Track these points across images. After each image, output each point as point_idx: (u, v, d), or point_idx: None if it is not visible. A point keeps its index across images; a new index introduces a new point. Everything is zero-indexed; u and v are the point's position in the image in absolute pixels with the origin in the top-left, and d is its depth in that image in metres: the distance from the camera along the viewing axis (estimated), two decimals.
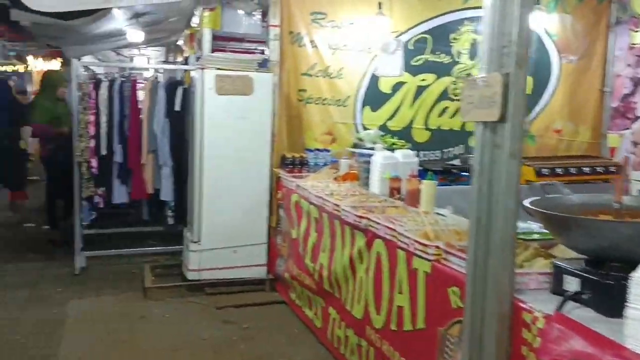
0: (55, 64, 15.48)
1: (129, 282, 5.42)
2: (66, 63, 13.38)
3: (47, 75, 6.89)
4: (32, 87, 14.53)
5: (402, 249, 3.06)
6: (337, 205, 3.87)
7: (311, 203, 4.37)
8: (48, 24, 5.79)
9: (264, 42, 9.48)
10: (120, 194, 5.71)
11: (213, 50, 5.51)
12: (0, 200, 8.70)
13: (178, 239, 5.85)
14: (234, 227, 5.18)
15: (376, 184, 4.26)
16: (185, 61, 8.60)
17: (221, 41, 6.36)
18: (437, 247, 2.81)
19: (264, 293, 5.17)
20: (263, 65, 5.48)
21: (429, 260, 2.82)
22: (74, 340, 4.16)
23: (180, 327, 4.44)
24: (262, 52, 5.83)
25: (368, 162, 4.55)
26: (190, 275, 5.15)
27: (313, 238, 4.35)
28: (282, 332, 4.38)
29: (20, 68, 15.60)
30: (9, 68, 15.89)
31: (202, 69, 5.09)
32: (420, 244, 2.89)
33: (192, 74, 5.57)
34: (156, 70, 7.47)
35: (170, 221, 5.86)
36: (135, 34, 6.75)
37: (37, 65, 14.57)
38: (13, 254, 6.29)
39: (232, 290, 5.11)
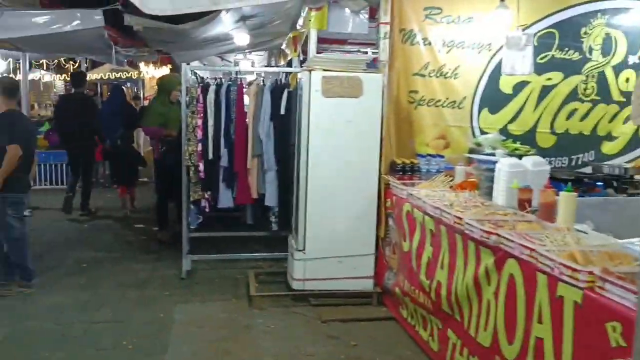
0: (165, 70, 16.13)
1: (233, 288, 5.31)
2: (175, 69, 13.86)
3: (162, 79, 6.99)
4: (145, 93, 15.21)
5: (543, 272, 2.64)
6: (460, 219, 3.48)
7: (426, 214, 4.00)
8: (159, 28, 5.85)
9: (367, 44, 9.20)
10: (225, 199, 5.62)
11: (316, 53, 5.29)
12: (114, 202, 9.05)
13: (282, 244, 5.67)
14: (340, 236, 4.92)
15: (501, 195, 3.82)
16: (289, 64, 8.51)
17: (323, 44, 6.16)
18: (591, 272, 2.37)
19: (371, 307, 4.86)
20: (371, 65, 5.19)
21: (580, 288, 2.38)
22: (179, 347, 4.06)
23: (284, 340, 4.23)
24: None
25: (490, 170, 4.14)
26: (295, 285, 4.94)
27: (428, 252, 3.98)
28: (392, 353, 4.05)
29: (134, 74, 16.39)
30: (123, 75, 16.80)
31: (309, 70, 4.87)
32: (568, 267, 2.46)
33: (299, 76, 5.38)
34: (259, 75, 7.41)
35: (274, 227, 5.70)
36: (242, 37, 6.69)
37: (149, 71, 15.21)
38: (124, 254, 6.41)
39: (338, 303, 4.84)
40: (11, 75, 13.84)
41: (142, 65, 14.32)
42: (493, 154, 4.79)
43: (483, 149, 5.00)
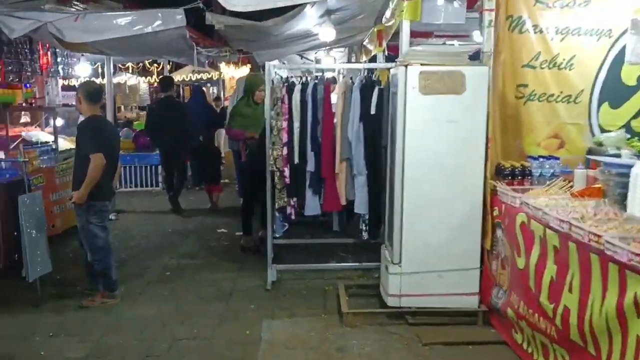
0: (245, 71, 16.07)
1: (322, 301, 4.92)
2: (255, 69, 13.74)
3: (247, 79, 6.72)
4: (225, 94, 15.19)
5: None
6: (597, 236, 2.90)
7: (549, 227, 3.42)
8: (241, 26, 5.57)
9: (454, 37, 8.54)
10: (312, 206, 5.24)
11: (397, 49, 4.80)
12: (197, 204, 8.94)
13: (370, 252, 5.23)
14: (440, 248, 4.41)
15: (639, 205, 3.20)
16: (372, 60, 8.04)
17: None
18: None
19: (476, 328, 4.33)
20: (473, 57, 4.65)
21: None
22: None
23: None
24: None
25: (622, 175, 3.50)
26: (390, 301, 4.48)
27: (551, 271, 3.41)
28: None
29: (214, 75, 16.46)
30: (204, 76, 16.92)
31: (405, 65, 4.38)
32: None
33: (391, 72, 4.91)
34: (339, 72, 7.00)
35: (365, 236, 5.27)
36: (327, 32, 6.30)
37: (229, 72, 15.17)
38: (208, 262, 6.19)
39: (438, 322, 4.35)
40: (98, 79, 14.25)
41: (222, 65, 14.27)
42: (618, 155, 4.14)
43: (605, 149, 4.35)
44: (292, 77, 5.60)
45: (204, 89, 12.55)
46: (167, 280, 5.57)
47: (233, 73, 14.96)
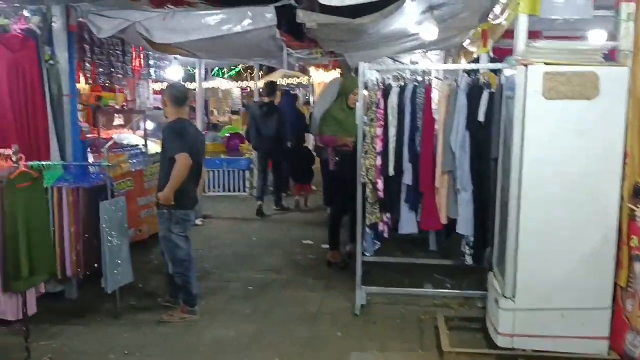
0: (334, 75, 15.68)
1: (418, 333, 4.33)
2: (345, 73, 13.29)
3: (342, 81, 6.24)
4: (314, 98, 14.86)
5: None
6: None
7: None
8: (334, 24, 5.10)
9: (565, 38, 7.63)
10: (408, 223, 4.67)
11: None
12: (280, 213, 8.58)
13: (472, 276, 4.58)
14: (564, 281, 3.71)
15: None
16: (476, 62, 7.33)
17: (508, 38, 4.96)
18: None
19: None
20: (608, 57, 3.89)
21: None
22: None
23: None
24: None
25: None
26: (500, 341, 3.81)
27: None
28: None
29: (304, 80, 16.21)
30: (294, 80, 16.70)
31: (525, 64, 3.71)
32: None
33: (506, 73, 4.23)
34: (436, 76, 6.36)
35: (468, 260, 4.61)
36: (430, 30, 5.67)
37: (319, 76, 14.83)
38: (293, 277, 5.76)
39: None
40: (193, 83, 14.36)
41: (312, 69, 13.97)
42: None
43: None
44: (388, 79, 5.05)
45: (294, 93, 12.28)
46: (250, 297, 5.18)
47: (322, 77, 14.64)
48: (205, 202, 8.70)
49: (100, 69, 6.28)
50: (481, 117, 4.39)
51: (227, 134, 11.21)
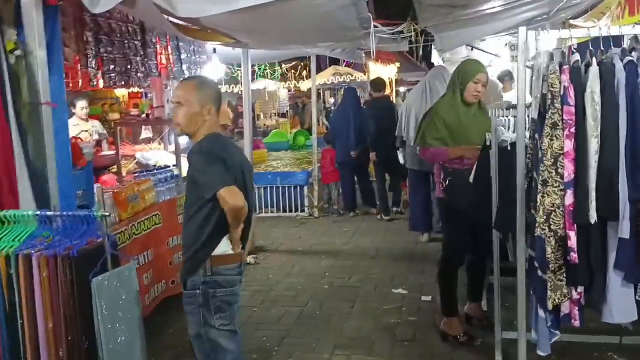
0: (392, 69, 13.54)
1: None
2: (402, 68, 11.20)
3: (458, 69, 4.20)
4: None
5: None
6: None
7: None
8: None
9: None
10: (623, 305, 2.54)
11: None
12: (356, 240, 6.55)
13: None
14: None
15: None
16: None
17: None
18: None
19: None
20: None
21: None
22: None
23: None
24: None
25: None
26: None
27: None
28: None
29: (357, 77, 14.14)
30: (347, 77, 14.61)
31: None
32: None
33: None
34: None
35: None
36: None
37: (377, 72, 12.72)
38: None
39: None
40: (237, 86, 12.44)
41: (370, 64, 11.89)
42: None
43: None
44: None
45: (358, 90, 10.36)
46: None
47: (381, 72, 12.53)
48: (258, 226, 6.76)
49: (112, 66, 4.36)
50: None
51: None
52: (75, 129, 6.42)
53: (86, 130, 6.33)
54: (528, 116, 2.94)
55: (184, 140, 5.27)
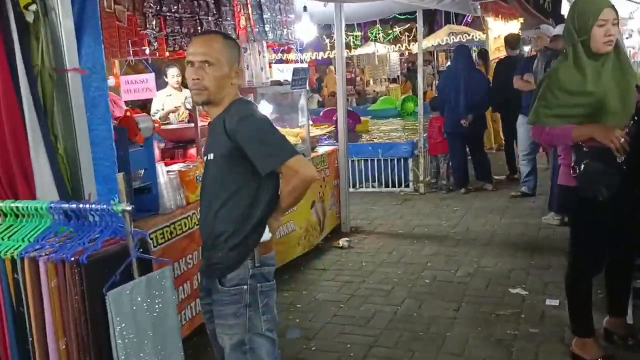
0: (515, 25, 11.92)
1: None
2: (526, 25, 9.73)
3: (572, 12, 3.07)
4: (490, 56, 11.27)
5: None
6: None
7: None
8: None
9: None
10: None
11: None
12: (461, 231, 5.57)
13: None
14: None
15: None
16: None
17: None
18: None
19: None
20: None
21: None
22: None
23: None
24: None
25: None
26: None
27: None
28: None
29: (475, 36, 12.71)
30: (463, 37, 13.15)
31: None
32: None
33: None
34: None
35: None
36: None
37: (497, 29, 11.24)
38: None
39: None
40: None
41: (490, 21, 10.48)
42: None
43: None
44: None
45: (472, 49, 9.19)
46: None
47: (501, 30, 11.04)
48: (353, 202, 6.04)
49: (177, 27, 3.75)
50: None
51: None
52: (169, 101, 6.06)
53: (183, 102, 5.93)
54: None
55: (266, 109, 4.61)
